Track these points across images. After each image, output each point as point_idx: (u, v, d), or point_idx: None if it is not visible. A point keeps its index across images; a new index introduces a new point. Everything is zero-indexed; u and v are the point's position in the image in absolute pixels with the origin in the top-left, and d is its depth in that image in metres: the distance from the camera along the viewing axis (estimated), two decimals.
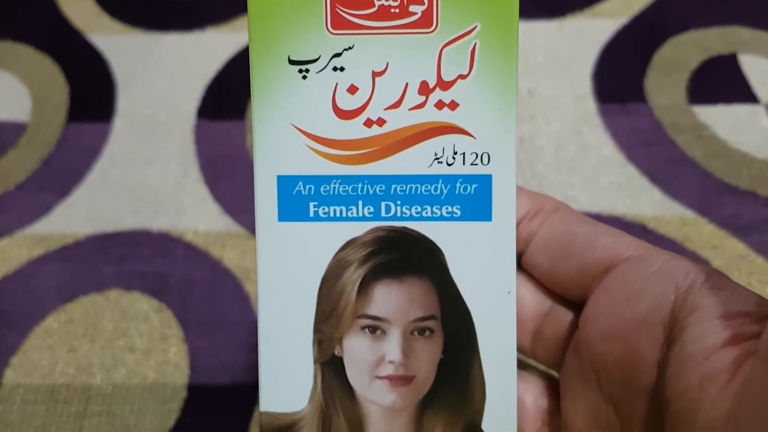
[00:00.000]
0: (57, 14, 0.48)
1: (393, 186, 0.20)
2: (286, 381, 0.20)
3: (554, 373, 0.22)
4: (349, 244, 0.20)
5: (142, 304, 0.35)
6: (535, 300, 0.21)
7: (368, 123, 0.20)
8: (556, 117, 0.42)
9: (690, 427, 0.16)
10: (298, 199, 0.20)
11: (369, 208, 0.20)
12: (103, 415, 0.32)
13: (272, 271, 0.20)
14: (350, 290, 0.20)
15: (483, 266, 0.20)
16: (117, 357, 0.33)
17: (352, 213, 0.20)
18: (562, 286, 0.21)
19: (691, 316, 0.17)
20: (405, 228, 0.20)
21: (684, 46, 0.45)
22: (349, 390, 0.20)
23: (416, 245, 0.20)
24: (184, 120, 0.42)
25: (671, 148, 0.40)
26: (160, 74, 0.44)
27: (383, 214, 0.20)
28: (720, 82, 0.43)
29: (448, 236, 0.20)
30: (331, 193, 0.20)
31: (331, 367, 0.20)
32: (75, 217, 0.38)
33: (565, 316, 0.21)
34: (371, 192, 0.20)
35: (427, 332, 0.20)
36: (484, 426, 0.20)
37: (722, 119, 0.41)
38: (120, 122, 0.42)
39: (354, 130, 0.20)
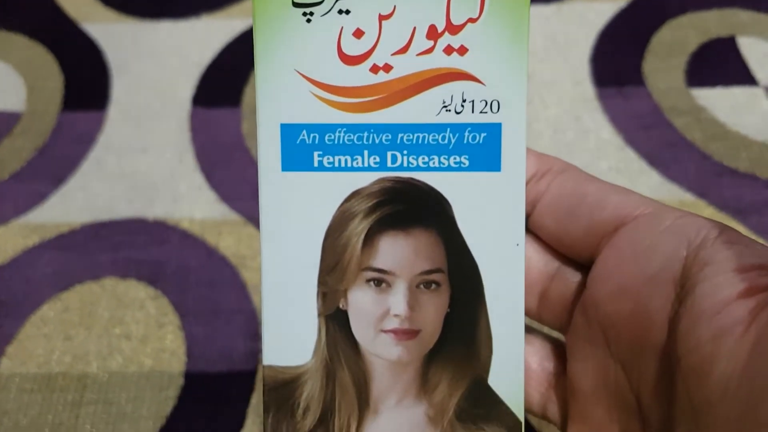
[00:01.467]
0: (51, 3, 0.48)
1: (399, 135, 0.19)
2: (289, 334, 0.20)
3: (560, 336, 0.22)
4: (355, 195, 0.19)
5: (138, 291, 0.35)
6: (542, 261, 0.21)
7: (374, 69, 0.19)
8: (554, 101, 0.41)
9: (703, 383, 0.16)
10: (302, 149, 0.19)
11: (375, 158, 0.19)
12: (99, 403, 0.31)
13: (275, 223, 0.20)
14: (355, 242, 0.19)
15: (491, 218, 0.19)
16: (113, 345, 0.33)
17: (357, 163, 0.19)
18: (570, 247, 0.20)
19: (704, 271, 0.17)
20: (411, 179, 0.19)
21: (682, 29, 0.44)
22: (354, 344, 0.20)
23: (423, 196, 0.19)
24: (179, 107, 0.42)
25: (670, 131, 0.39)
26: (155, 62, 0.44)
27: (389, 164, 0.19)
28: (719, 64, 0.43)
29: (456, 187, 0.19)
30: (336, 142, 0.19)
31: (335, 321, 0.20)
32: (70, 206, 0.38)
33: (573, 277, 0.20)
34: (377, 141, 0.19)
35: (434, 285, 0.19)
36: (490, 381, 0.20)
37: (721, 102, 0.41)
38: (115, 110, 0.42)
39: (360, 76, 0.19)
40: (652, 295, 0.18)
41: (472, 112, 0.19)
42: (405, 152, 0.19)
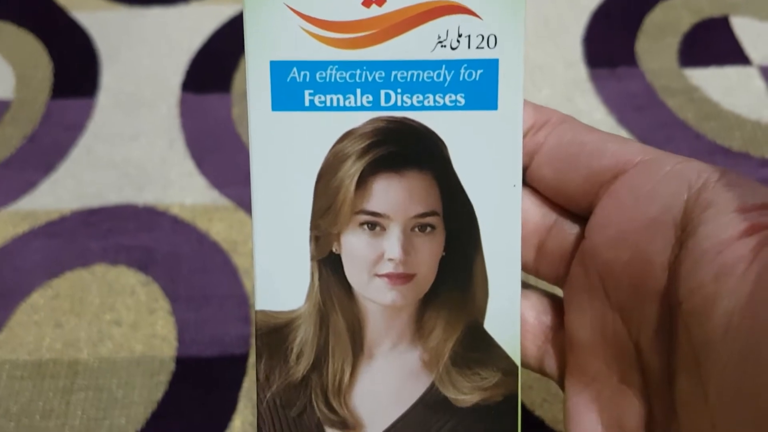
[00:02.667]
0: None
1: (393, 72, 0.19)
2: (282, 278, 0.19)
3: (557, 291, 0.21)
4: (347, 135, 0.19)
5: (128, 278, 0.34)
6: (540, 214, 0.20)
7: (367, 3, 0.18)
8: (547, 83, 0.41)
9: (704, 323, 0.15)
10: (293, 87, 0.19)
11: (368, 97, 0.19)
12: (90, 390, 0.31)
13: (266, 165, 0.19)
14: (348, 185, 0.19)
15: (487, 158, 0.19)
16: (104, 331, 0.33)
17: (349, 102, 0.19)
18: (568, 198, 0.20)
19: (705, 213, 0.16)
20: (405, 118, 0.19)
21: (675, 9, 0.44)
22: (348, 288, 0.19)
23: (417, 137, 0.19)
24: (169, 94, 0.41)
25: (663, 112, 0.39)
26: (144, 49, 0.44)
27: (383, 103, 0.19)
28: (712, 44, 0.42)
29: (451, 127, 0.19)
30: (328, 80, 0.19)
31: (328, 265, 0.19)
32: (60, 193, 0.38)
33: (571, 229, 0.20)
34: (370, 79, 0.19)
35: (428, 228, 0.19)
36: (486, 325, 0.19)
37: (714, 81, 0.40)
38: (104, 97, 0.42)
39: (352, 10, 0.18)
40: (652, 239, 0.17)
41: (468, 47, 0.18)
42: (399, 90, 0.19)
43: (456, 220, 0.19)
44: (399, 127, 0.19)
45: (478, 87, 0.19)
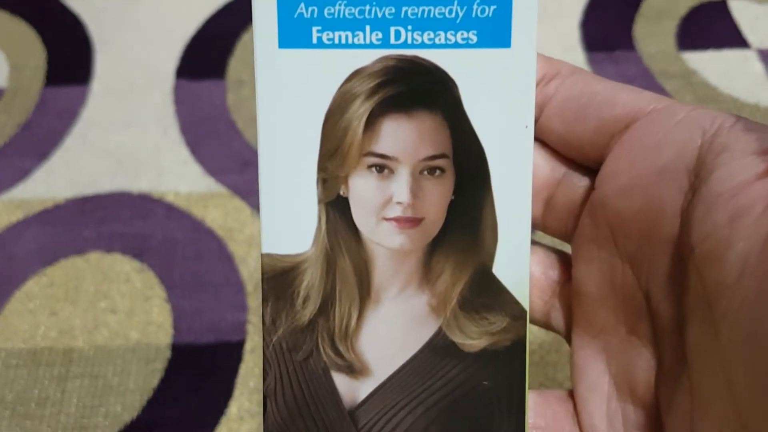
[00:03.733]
0: None
1: (403, 8, 0.18)
2: (288, 221, 0.19)
3: (564, 248, 0.21)
4: (356, 74, 0.18)
5: (123, 265, 0.34)
6: (549, 167, 0.20)
7: None
8: None
9: (718, 267, 0.15)
10: (300, 23, 0.18)
11: (377, 34, 0.18)
12: (85, 377, 0.31)
13: (273, 105, 0.18)
14: (356, 126, 0.18)
15: (499, 98, 0.18)
16: (99, 319, 0.33)
17: (358, 39, 0.18)
18: (578, 150, 0.19)
19: (720, 157, 0.16)
20: (416, 57, 0.18)
21: None
22: (355, 232, 0.19)
23: (428, 76, 0.18)
24: (163, 80, 0.41)
25: (661, 95, 0.39)
26: (138, 36, 0.43)
27: (392, 40, 0.18)
28: (710, 27, 0.42)
29: (463, 65, 0.18)
30: (336, 16, 0.18)
31: (336, 208, 0.19)
32: (54, 181, 0.37)
33: (580, 182, 0.20)
34: (380, 15, 0.18)
35: (438, 171, 0.18)
36: (495, 269, 0.19)
37: (712, 65, 0.40)
38: (98, 85, 0.41)
39: None
40: (664, 186, 0.17)
41: None
42: (409, 27, 0.18)
43: (466, 162, 0.18)
44: (409, 66, 0.18)
45: (490, 24, 0.18)
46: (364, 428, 0.19)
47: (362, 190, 0.19)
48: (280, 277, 0.19)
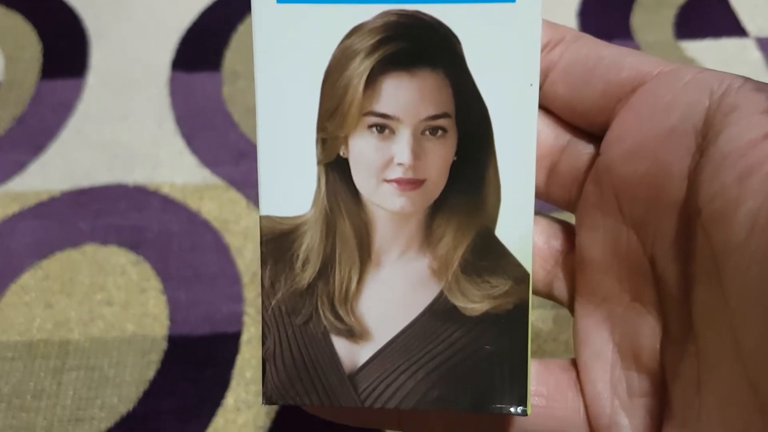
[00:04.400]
0: None
1: None
2: (287, 183, 0.18)
3: (567, 219, 0.21)
4: (356, 30, 0.18)
5: (119, 257, 0.34)
6: (553, 135, 0.20)
7: None
8: None
9: (726, 226, 0.15)
10: None
11: None
12: (81, 369, 0.31)
13: (270, 62, 0.18)
14: (356, 84, 0.18)
15: (503, 56, 0.18)
16: (95, 311, 0.33)
17: None
18: (583, 115, 0.19)
19: (728, 117, 0.16)
20: (418, 12, 0.18)
21: None
22: (355, 194, 0.18)
23: (430, 32, 0.18)
24: (159, 73, 0.41)
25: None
26: (134, 28, 0.43)
27: None
28: (708, 16, 0.42)
29: (466, 21, 0.17)
30: None
31: (336, 169, 0.18)
32: (50, 174, 0.37)
33: (584, 149, 0.19)
34: None
35: (440, 132, 0.18)
36: (497, 231, 0.18)
37: (711, 53, 0.40)
38: (94, 78, 0.41)
39: None
40: (671, 149, 0.17)
41: None
42: None
43: (469, 122, 0.18)
44: (411, 22, 0.18)
45: None
46: (364, 393, 0.18)
47: (362, 151, 0.18)
48: (278, 240, 0.18)
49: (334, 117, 0.18)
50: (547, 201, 0.21)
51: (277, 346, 0.19)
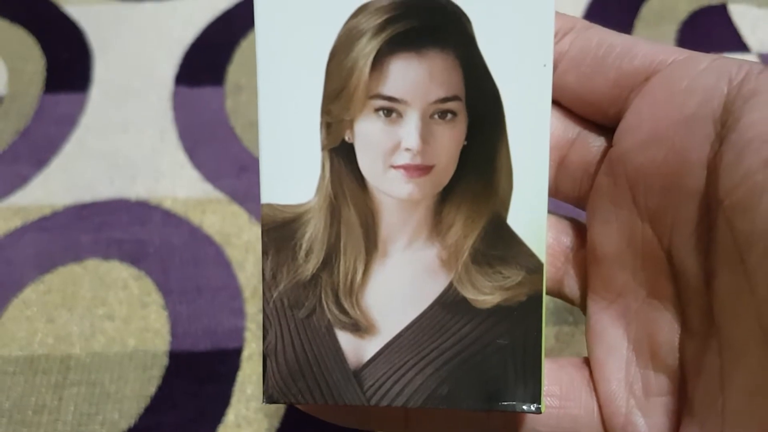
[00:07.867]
0: None
1: None
2: (290, 169, 0.17)
3: (577, 216, 0.20)
4: (362, 9, 0.17)
5: (120, 272, 0.34)
6: (562, 127, 0.19)
7: None
8: None
9: (751, 214, 0.14)
10: None
11: None
12: (83, 384, 0.31)
13: (273, 42, 0.17)
14: (362, 66, 0.17)
15: (516, 35, 0.17)
16: (96, 326, 0.33)
17: None
18: (594, 106, 0.18)
19: (749, 103, 0.15)
20: None
21: None
22: (361, 180, 0.17)
23: (439, 11, 0.17)
24: (162, 87, 0.41)
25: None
26: (137, 42, 0.43)
27: None
28: (710, 32, 0.42)
29: None
30: None
31: (341, 154, 0.17)
32: (52, 188, 0.37)
33: (595, 141, 0.19)
34: None
35: (449, 115, 0.17)
36: (509, 219, 0.17)
37: None
38: (97, 91, 0.41)
39: None
40: (688, 136, 0.16)
41: None
42: None
43: (480, 105, 0.17)
44: (419, 1, 0.17)
45: None
46: (369, 390, 0.18)
47: (368, 136, 0.17)
48: (280, 229, 0.18)
49: (339, 100, 0.17)
50: (555, 196, 0.20)
51: (279, 341, 0.18)
